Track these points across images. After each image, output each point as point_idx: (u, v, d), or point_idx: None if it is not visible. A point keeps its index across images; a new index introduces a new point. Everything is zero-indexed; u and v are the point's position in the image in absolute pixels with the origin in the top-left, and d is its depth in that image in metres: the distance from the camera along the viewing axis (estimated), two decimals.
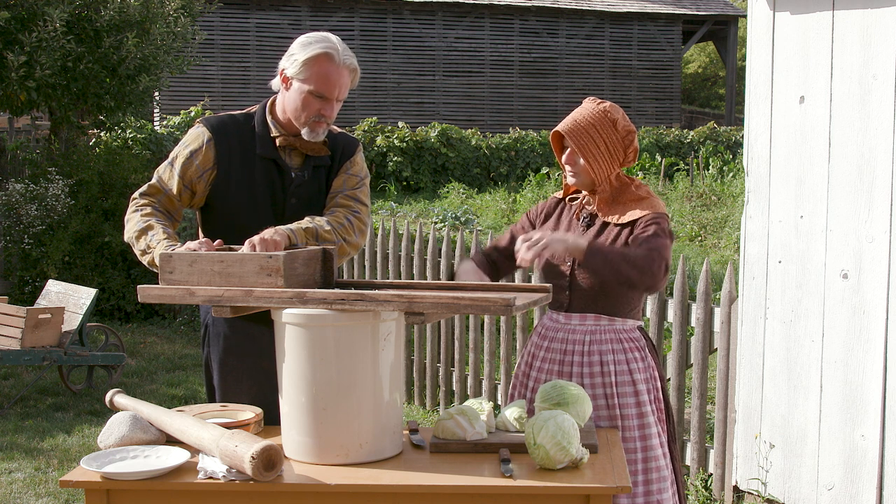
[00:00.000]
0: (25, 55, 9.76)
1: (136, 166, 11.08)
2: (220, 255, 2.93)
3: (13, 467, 6.05)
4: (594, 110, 3.44)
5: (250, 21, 22.95)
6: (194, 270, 2.93)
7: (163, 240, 3.24)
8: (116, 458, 2.82)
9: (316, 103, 3.34)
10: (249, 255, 2.90)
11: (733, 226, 13.24)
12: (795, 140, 4.75)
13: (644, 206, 3.43)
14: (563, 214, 3.60)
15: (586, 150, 3.40)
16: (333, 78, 3.32)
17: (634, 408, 3.42)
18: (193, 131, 3.47)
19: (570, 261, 3.43)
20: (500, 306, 2.71)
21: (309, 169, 3.46)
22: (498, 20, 24.95)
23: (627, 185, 3.51)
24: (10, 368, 8.37)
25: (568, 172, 3.50)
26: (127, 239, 3.37)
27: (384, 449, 2.87)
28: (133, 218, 3.37)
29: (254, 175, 3.42)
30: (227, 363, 3.51)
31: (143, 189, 3.46)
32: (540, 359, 3.54)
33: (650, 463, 3.42)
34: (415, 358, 7.40)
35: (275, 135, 3.43)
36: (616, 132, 3.43)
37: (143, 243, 3.28)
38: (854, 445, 4.55)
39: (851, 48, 4.50)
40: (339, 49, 3.33)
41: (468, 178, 19.29)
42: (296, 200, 3.44)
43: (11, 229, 10.24)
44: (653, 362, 3.51)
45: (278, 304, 2.88)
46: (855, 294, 4.51)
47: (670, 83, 26.77)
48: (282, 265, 2.85)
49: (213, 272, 2.92)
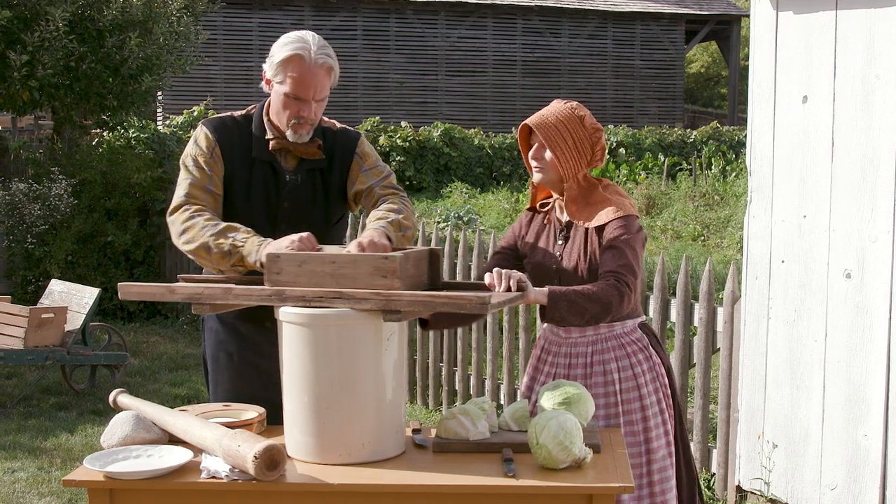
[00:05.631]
0: (28, 55, 9.76)
1: (139, 166, 11.08)
2: (333, 256, 2.88)
3: (16, 466, 6.05)
4: (562, 107, 3.44)
5: (253, 21, 22.95)
6: (303, 271, 2.88)
7: (250, 237, 3.16)
8: (119, 457, 2.82)
9: (293, 105, 3.32)
10: (363, 257, 2.86)
11: (736, 225, 13.23)
12: (798, 140, 4.75)
13: (610, 208, 3.40)
14: (541, 231, 3.55)
15: (553, 143, 3.37)
16: (307, 79, 3.29)
17: (639, 412, 3.41)
18: (201, 133, 3.44)
19: (556, 281, 3.41)
20: (476, 304, 2.73)
21: (302, 172, 3.44)
22: (501, 20, 24.94)
23: (595, 186, 3.48)
24: (14, 368, 8.37)
25: (534, 169, 3.46)
26: (196, 246, 3.22)
27: (387, 449, 2.87)
28: (197, 223, 3.25)
29: (251, 177, 3.41)
30: (219, 358, 3.53)
31: (181, 198, 3.33)
32: (544, 373, 3.53)
33: (654, 465, 3.41)
34: (417, 357, 7.41)
35: (269, 137, 3.42)
36: (584, 128, 3.41)
37: (227, 244, 3.16)
38: (857, 445, 4.54)
39: (854, 48, 4.49)
40: (313, 49, 3.28)
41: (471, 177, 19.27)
42: (288, 204, 3.43)
43: (14, 229, 10.25)
44: (657, 358, 3.50)
45: (258, 301, 2.89)
46: (858, 293, 4.51)
47: (673, 83, 26.76)
48: (398, 267, 2.81)
49: (324, 273, 2.86)
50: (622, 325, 3.45)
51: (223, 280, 3.17)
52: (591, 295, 3.24)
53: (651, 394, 3.43)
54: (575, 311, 3.22)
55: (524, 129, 3.49)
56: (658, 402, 3.45)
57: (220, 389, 3.53)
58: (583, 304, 3.22)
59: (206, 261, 3.22)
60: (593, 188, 3.48)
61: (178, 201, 3.35)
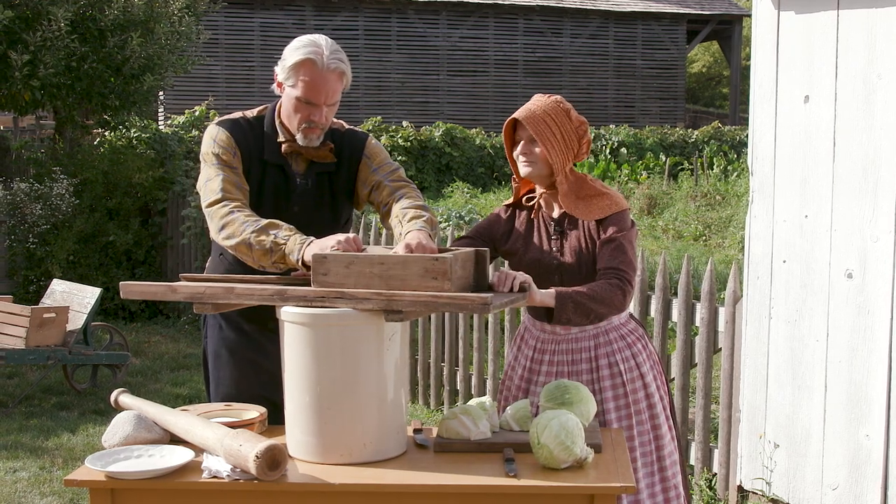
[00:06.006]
0: (30, 54, 9.77)
1: (141, 166, 11.09)
2: (381, 257, 2.85)
3: (18, 466, 6.06)
4: (547, 101, 3.44)
5: (254, 21, 22.95)
6: (351, 272, 2.85)
7: (293, 235, 3.11)
8: (121, 457, 2.82)
9: (304, 109, 3.30)
10: (413, 258, 2.84)
11: (737, 225, 13.23)
12: (800, 140, 4.75)
13: (606, 202, 3.41)
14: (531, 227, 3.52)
15: (543, 136, 3.36)
16: (318, 83, 3.27)
17: (645, 400, 3.44)
18: (219, 133, 3.38)
19: (558, 280, 3.42)
20: (478, 305, 2.73)
21: (312, 176, 3.43)
22: (502, 20, 24.93)
23: (583, 179, 3.49)
24: (15, 367, 8.37)
25: (522, 163, 3.44)
26: (237, 241, 3.17)
27: (388, 448, 2.87)
28: (237, 218, 3.19)
29: (263, 180, 3.40)
30: (220, 354, 3.53)
31: (217, 193, 3.27)
32: (542, 373, 3.50)
33: (663, 451, 3.45)
34: (419, 357, 7.41)
35: (281, 140, 3.41)
36: (570, 121, 3.41)
37: (268, 241, 3.11)
38: (858, 445, 4.54)
39: (856, 48, 4.49)
40: (325, 53, 3.27)
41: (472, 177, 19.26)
42: (298, 208, 3.41)
43: (16, 228, 10.26)
44: (651, 346, 3.56)
45: (259, 301, 2.88)
46: (859, 293, 4.50)
47: (674, 82, 26.75)
48: (449, 268, 2.79)
49: (373, 274, 2.83)
50: (618, 317, 3.48)
51: (225, 279, 3.16)
52: (596, 296, 3.27)
53: (651, 382, 3.47)
54: (581, 311, 3.25)
55: (509, 124, 3.48)
56: (658, 388, 3.49)
57: (220, 387, 3.53)
58: (589, 305, 3.26)
59: (247, 257, 3.17)
60: (581, 182, 3.48)
61: (215, 195, 3.27)
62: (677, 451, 3.53)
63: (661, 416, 3.47)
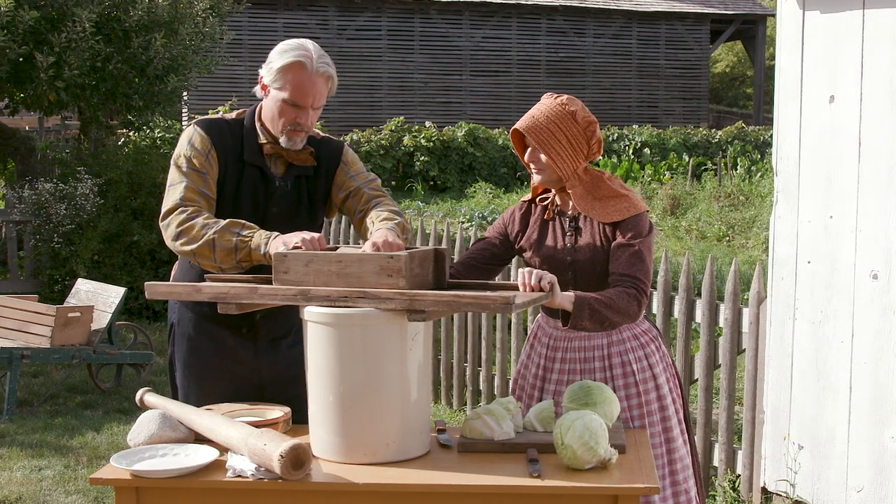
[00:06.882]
0: (55, 55, 9.82)
1: (165, 166, 11.11)
2: (339, 255, 2.89)
3: (43, 465, 6.09)
4: (551, 104, 3.38)
5: (278, 21, 23.03)
6: (310, 270, 2.89)
7: (256, 231, 3.14)
8: (146, 455, 2.84)
9: (291, 112, 3.31)
10: (369, 256, 2.87)
11: (761, 226, 13.18)
12: (825, 140, 4.72)
13: (624, 204, 3.37)
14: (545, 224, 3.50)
15: (547, 145, 3.33)
16: (307, 86, 3.29)
17: (657, 402, 3.42)
18: (195, 134, 3.39)
19: (571, 277, 3.40)
20: (500, 304, 2.73)
21: (291, 178, 3.44)
22: (525, 20, 24.92)
23: (600, 178, 3.44)
24: (40, 367, 8.43)
25: (533, 171, 3.43)
26: (198, 245, 3.18)
27: (411, 448, 2.88)
28: (196, 223, 3.21)
29: (241, 181, 3.39)
30: (191, 364, 3.51)
31: (175, 201, 3.29)
32: (556, 371, 3.49)
33: (674, 454, 3.43)
34: (442, 357, 7.41)
35: (262, 142, 3.41)
36: (576, 124, 3.35)
37: (233, 240, 3.14)
38: (883, 447, 4.52)
39: (882, 47, 4.47)
40: (314, 57, 3.29)
41: (495, 177, 19.28)
42: (276, 210, 3.41)
43: (41, 228, 10.31)
44: (665, 348, 3.53)
45: (282, 301, 2.90)
46: (885, 294, 4.48)
47: (698, 83, 26.68)
48: (403, 266, 2.82)
49: (330, 272, 2.88)
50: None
51: (250, 280, 3.18)
52: (613, 304, 3.23)
53: (664, 384, 3.45)
54: (596, 318, 3.22)
55: (516, 131, 3.45)
56: (670, 391, 3.47)
57: (190, 395, 3.49)
58: (604, 313, 3.22)
59: (207, 260, 3.18)
60: (598, 181, 3.43)
61: (172, 204, 3.29)
62: (690, 455, 3.49)
63: (674, 419, 3.44)
